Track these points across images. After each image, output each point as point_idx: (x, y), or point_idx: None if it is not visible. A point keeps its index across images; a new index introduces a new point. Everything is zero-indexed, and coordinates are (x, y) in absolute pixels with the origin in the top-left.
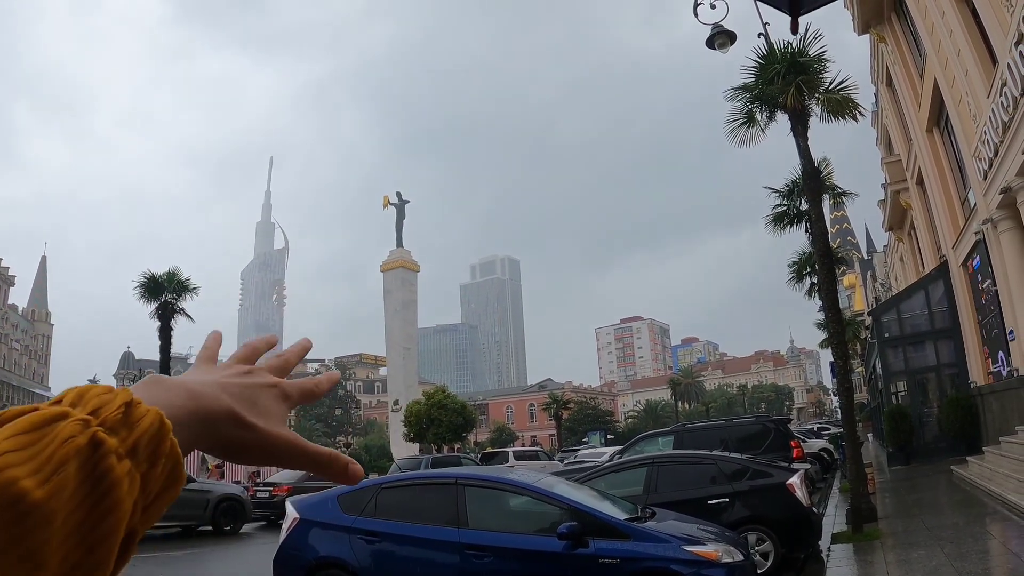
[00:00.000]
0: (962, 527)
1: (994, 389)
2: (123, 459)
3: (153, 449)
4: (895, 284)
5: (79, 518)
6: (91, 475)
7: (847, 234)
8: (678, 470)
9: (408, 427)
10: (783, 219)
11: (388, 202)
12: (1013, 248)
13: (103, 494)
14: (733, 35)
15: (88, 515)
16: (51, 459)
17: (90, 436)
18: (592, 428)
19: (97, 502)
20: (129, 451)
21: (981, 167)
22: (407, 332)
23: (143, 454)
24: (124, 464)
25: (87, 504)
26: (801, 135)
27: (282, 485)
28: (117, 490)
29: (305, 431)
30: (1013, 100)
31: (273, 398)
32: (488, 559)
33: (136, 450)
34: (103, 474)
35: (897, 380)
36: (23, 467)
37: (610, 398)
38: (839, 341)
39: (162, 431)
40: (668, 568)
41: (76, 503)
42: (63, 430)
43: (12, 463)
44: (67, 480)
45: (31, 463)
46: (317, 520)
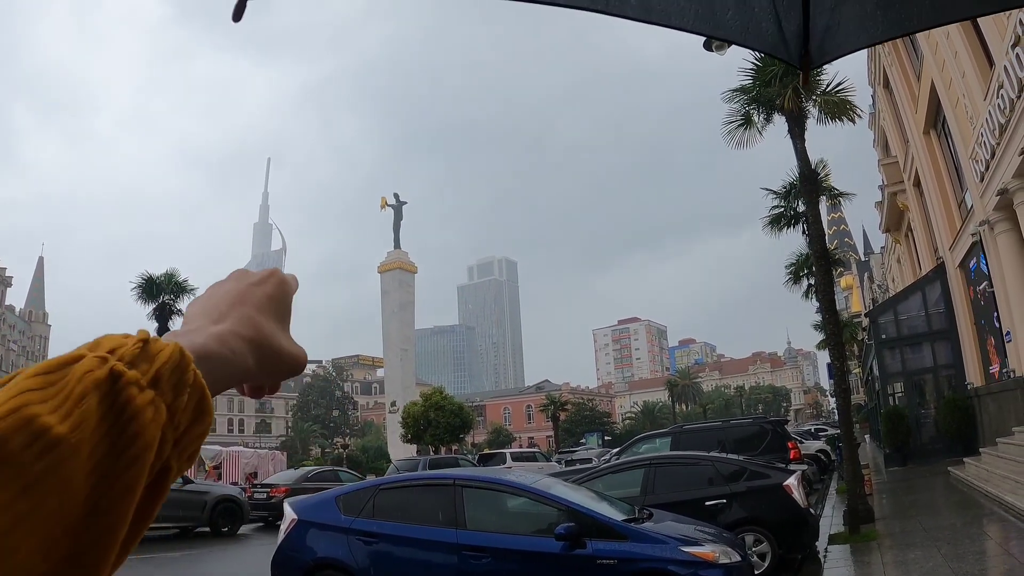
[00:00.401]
0: (959, 528)
1: (991, 390)
2: (145, 389)
3: (177, 379)
4: (892, 286)
5: (104, 449)
6: (112, 406)
7: (844, 236)
8: (675, 471)
9: (405, 428)
10: (780, 220)
11: (386, 203)
12: (1010, 250)
13: (126, 423)
14: None
15: (113, 446)
16: (71, 395)
17: (109, 369)
18: (589, 429)
19: (121, 432)
20: (151, 382)
21: (978, 169)
22: (404, 333)
23: (166, 384)
24: (146, 394)
25: (112, 435)
26: (798, 137)
27: (280, 486)
28: (140, 418)
29: (302, 432)
30: (1010, 102)
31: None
32: (486, 560)
33: (159, 380)
34: (124, 404)
35: (894, 381)
36: (44, 404)
37: (607, 399)
38: (836, 343)
39: (184, 361)
40: (666, 569)
41: (100, 435)
42: (81, 366)
43: (32, 400)
44: (89, 413)
45: (52, 401)
46: (315, 521)
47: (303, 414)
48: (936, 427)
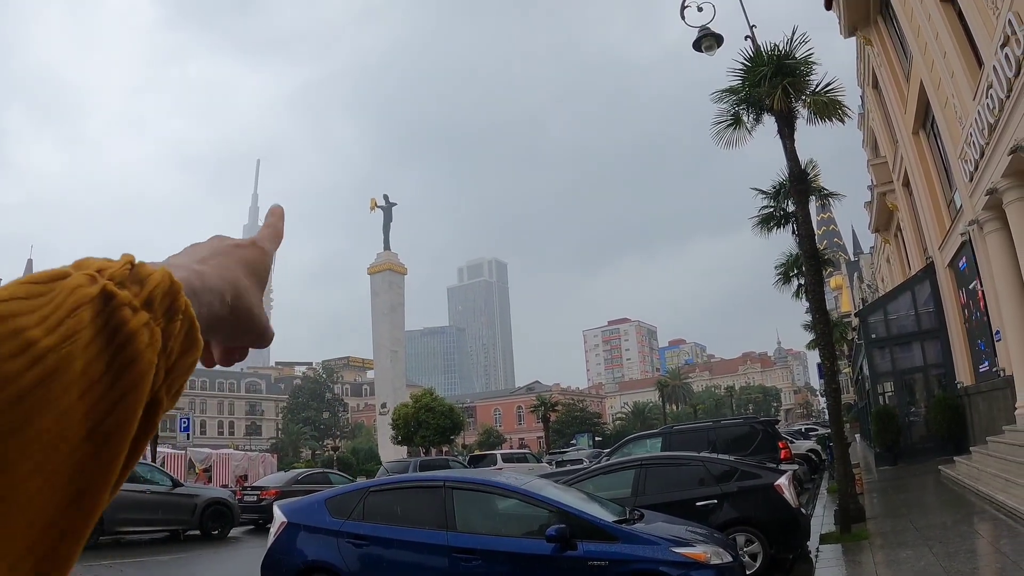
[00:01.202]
0: (950, 527)
1: (981, 389)
2: (138, 311)
3: (169, 303)
4: (882, 285)
5: (99, 370)
6: (106, 326)
7: (834, 236)
8: (666, 472)
9: (396, 430)
10: (770, 220)
11: (375, 205)
12: (999, 249)
13: (121, 345)
14: (720, 38)
15: (108, 368)
16: (60, 306)
17: (101, 288)
18: (580, 430)
19: (116, 353)
20: (144, 304)
21: (967, 169)
22: (394, 335)
23: (159, 308)
24: (141, 315)
25: (106, 357)
26: (788, 137)
27: (270, 489)
28: (136, 340)
29: (293, 434)
30: (999, 102)
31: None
32: (476, 562)
33: (151, 303)
34: (119, 324)
35: (884, 381)
36: (31, 316)
37: (598, 400)
38: (826, 342)
39: (174, 287)
40: (657, 570)
41: (94, 354)
42: (71, 281)
43: (18, 311)
44: (80, 326)
45: (39, 311)
46: (305, 524)
47: (293, 416)
48: (926, 426)
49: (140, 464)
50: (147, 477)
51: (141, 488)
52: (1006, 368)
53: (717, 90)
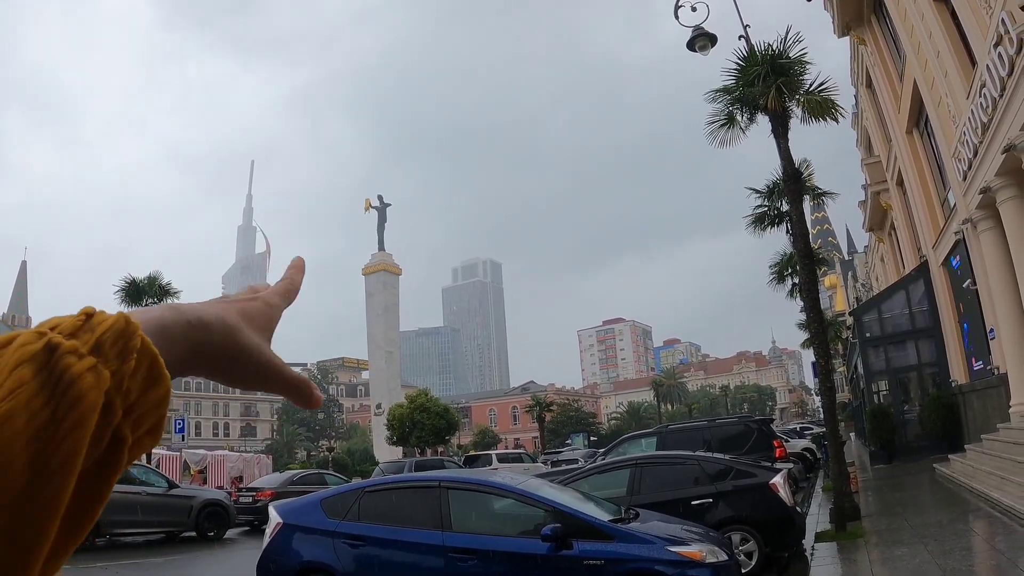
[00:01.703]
0: (945, 525)
1: (975, 387)
2: (84, 357)
3: (122, 345)
4: (876, 284)
5: (45, 418)
6: (50, 376)
7: (828, 235)
8: (661, 471)
9: (391, 430)
10: (764, 220)
11: (370, 205)
12: (993, 248)
13: (65, 389)
14: (714, 37)
15: (54, 414)
16: (3, 368)
17: (45, 341)
18: (575, 430)
19: (60, 398)
20: (92, 349)
21: (961, 168)
22: (389, 335)
23: (110, 351)
24: (86, 360)
25: (51, 405)
26: (782, 137)
27: (265, 490)
28: (79, 383)
29: (288, 435)
30: (992, 101)
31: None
32: (472, 562)
33: (100, 347)
34: (62, 371)
35: (879, 379)
36: None
37: (593, 400)
38: (821, 341)
39: (129, 328)
40: (653, 569)
41: (39, 405)
42: (16, 342)
43: None
44: (22, 381)
45: None
46: (300, 525)
47: (288, 417)
48: (921, 424)
49: (135, 465)
50: (142, 479)
51: (136, 490)
52: (1000, 366)
53: (711, 90)
